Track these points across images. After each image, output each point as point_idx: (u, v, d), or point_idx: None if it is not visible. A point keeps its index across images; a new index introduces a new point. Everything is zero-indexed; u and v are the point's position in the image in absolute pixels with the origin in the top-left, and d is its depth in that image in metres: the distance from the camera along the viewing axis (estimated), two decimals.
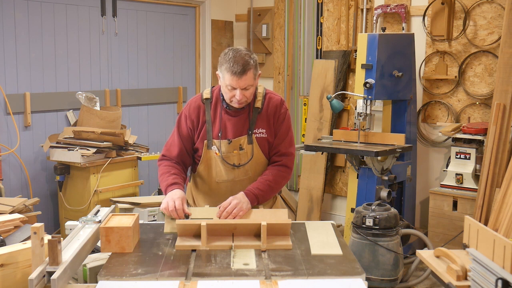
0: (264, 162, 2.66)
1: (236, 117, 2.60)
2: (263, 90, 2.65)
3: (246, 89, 2.46)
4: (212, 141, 2.59)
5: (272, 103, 2.63)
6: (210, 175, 2.65)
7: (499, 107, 4.09)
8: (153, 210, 4.28)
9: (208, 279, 1.87)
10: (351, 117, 5.37)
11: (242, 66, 2.39)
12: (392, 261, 3.59)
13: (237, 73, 2.39)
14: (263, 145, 2.62)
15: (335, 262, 2.04)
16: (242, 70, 2.39)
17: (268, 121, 2.62)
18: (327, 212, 5.64)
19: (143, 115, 5.47)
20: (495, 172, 4.06)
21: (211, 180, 2.65)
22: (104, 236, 2.11)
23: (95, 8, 4.95)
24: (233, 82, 2.42)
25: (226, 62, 2.42)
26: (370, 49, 4.28)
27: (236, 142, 2.59)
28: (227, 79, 2.44)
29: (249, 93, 2.49)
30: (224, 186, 2.64)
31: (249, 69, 2.42)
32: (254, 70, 2.46)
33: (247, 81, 2.43)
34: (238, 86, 2.43)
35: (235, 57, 2.41)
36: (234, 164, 2.59)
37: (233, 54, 2.43)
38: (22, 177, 4.54)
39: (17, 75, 4.47)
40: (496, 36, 4.47)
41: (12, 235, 2.38)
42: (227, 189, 2.62)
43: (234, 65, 2.39)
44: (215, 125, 2.60)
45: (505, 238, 1.85)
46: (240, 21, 6.19)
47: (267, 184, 2.56)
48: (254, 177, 2.62)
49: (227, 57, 2.43)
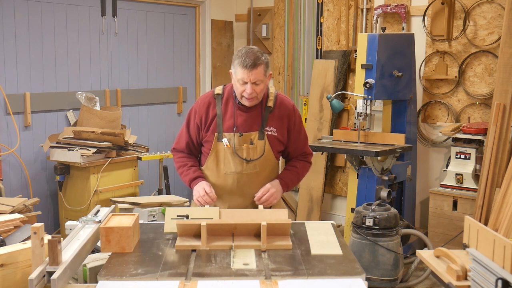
0: (272, 159, 2.75)
1: (248, 113, 2.71)
2: (275, 91, 2.78)
3: (256, 84, 2.57)
4: (223, 134, 2.69)
5: (284, 106, 2.76)
6: (218, 167, 2.73)
7: (499, 107, 4.09)
8: (153, 210, 4.28)
9: (208, 279, 1.87)
10: (351, 117, 5.37)
11: (253, 60, 2.53)
12: (392, 261, 3.60)
13: (248, 66, 2.53)
14: (273, 143, 2.73)
15: (335, 262, 2.04)
16: (253, 64, 2.53)
17: (279, 122, 2.74)
18: (327, 212, 5.64)
19: (143, 115, 5.48)
20: (495, 172, 4.06)
21: (219, 172, 2.74)
22: (104, 236, 2.11)
23: (95, 8, 4.95)
24: (244, 76, 2.54)
25: (239, 58, 2.57)
26: (370, 49, 4.28)
27: (247, 136, 2.69)
28: (238, 73, 2.56)
29: (259, 89, 2.59)
30: (231, 178, 2.72)
31: (259, 64, 2.55)
32: (265, 67, 2.58)
33: (257, 76, 2.55)
34: (248, 80, 2.55)
35: (247, 53, 2.56)
36: (245, 159, 2.68)
37: (246, 50, 2.58)
38: (22, 177, 4.54)
39: (17, 75, 4.47)
40: (496, 36, 4.47)
41: (12, 235, 2.38)
42: (234, 181, 2.72)
43: (245, 59, 2.54)
44: (226, 119, 2.71)
45: (505, 238, 1.85)
46: (240, 21, 6.19)
47: (295, 172, 2.84)
48: (261, 172, 2.73)
49: (240, 53, 2.58)
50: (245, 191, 2.73)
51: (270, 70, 2.66)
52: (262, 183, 2.73)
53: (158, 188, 5.09)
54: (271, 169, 2.78)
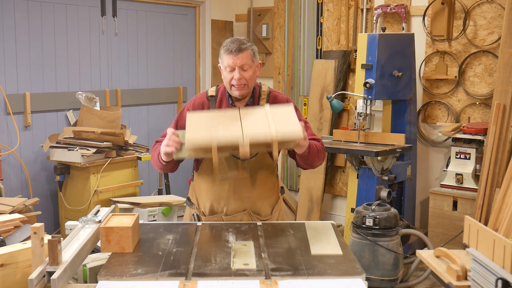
0: (268, 161, 2.66)
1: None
2: (267, 88, 2.69)
3: (244, 69, 2.50)
4: None
5: (277, 102, 2.65)
6: (213, 172, 2.65)
7: (499, 107, 4.09)
8: (153, 210, 4.29)
9: (208, 279, 1.87)
10: (351, 117, 5.37)
11: (238, 45, 2.49)
12: (392, 261, 3.60)
13: (233, 51, 2.48)
14: None
15: (335, 262, 2.04)
16: (238, 48, 2.48)
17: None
18: (327, 212, 5.64)
19: (143, 115, 5.47)
20: (495, 172, 4.06)
21: (215, 177, 2.65)
22: (104, 236, 2.11)
23: (95, 8, 4.95)
24: (230, 61, 2.49)
25: (224, 46, 2.53)
26: (370, 49, 4.28)
27: None
28: (225, 59, 2.51)
29: (248, 76, 2.52)
30: (227, 183, 2.64)
31: (245, 48, 2.49)
32: (252, 52, 2.52)
33: (244, 59, 2.49)
34: (235, 65, 2.48)
35: (232, 40, 2.53)
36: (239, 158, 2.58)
37: (231, 39, 2.55)
38: (22, 177, 4.54)
39: (17, 75, 4.47)
40: (496, 36, 4.47)
41: (12, 235, 2.38)
42: (230, 186, 2.63)
43: (230, 45, 2.50)
44: None
45: (505, 238, 1.85)
46: (240, 21, 6.19)
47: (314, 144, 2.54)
48: (257, 175, 2.63)
49: (225, 42, 2.54)
50: (243, 196, 2.65)
51: (259, 60, 2.59)
52: (259, 186, 2.65)
53: (158, 188, 5.10)
54: (268, 171, 2.69)
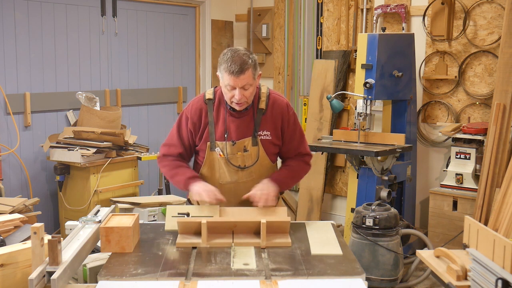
0: (268, 164, 2.65)
1: (240, 119, 2.59)
2: (267, 90, 2.64)
3: (245, 88, 2.45)
4: (215, 143, 2.59)
5: (277, 106, 2.62)
6: (213, 177, 2.63)
7: (499, 107, 4.09)
8: (153, 210, 4.28)
9: (208, 279, 1.87)
10: (351, 117, 5.37)
11: (240, 65, 2.39)
12: (392, 261, 3.59)
13: (234, 73, 2.39)
14: (268, 147, 2.61)
15: (335, 262, 2.04)
16: (240, 69, 2.39)
17: (273, 124, 2.61)
18: (327, 212, 5.64)
19: (143, 115, 5.48)
20: (495, 172, 4.06)
21: (215, 181, 2.62)
22: (104, 236, 2.11)
23: (95, 8, 4.95)
24: (231, 82, 2.42)
25: (225, 62, 2.43)
26: (370, 49, 4.28)
27: (240, 143, 2.58)
28: (225, 79, 2.44)
29: (249, 93, 2.48)
30: (227, 187, 2.62)
31: (247, 68, 2.41)
32: (253, 70, 2.45)
33: (245, 80, 2.42)
34: (236, 85, 2.43)
35: (233, 57, 2.41)
36: (239, 166, 2.59)
37: (231, 54, 2.43)
38: (22, 177, 4.54)
39: (17, 75, 4.47)
40: (496, 36, 4.47)
41: (12, 235, 2.38)
42: (231, 191, 2.61)
43: (232, 65, 2.40)
44: (218, 126, 2.59)
45: (505, 238, 1.85)
46: (240, 21, 6.19)
47: (290, 170, 2.65)
48: (257, 179, 2.61)
49: (225, 57, 2.44)
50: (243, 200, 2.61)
51: (260, 70, 2.53)
52: None
53: (158, 188, 5.09)
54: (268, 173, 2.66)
